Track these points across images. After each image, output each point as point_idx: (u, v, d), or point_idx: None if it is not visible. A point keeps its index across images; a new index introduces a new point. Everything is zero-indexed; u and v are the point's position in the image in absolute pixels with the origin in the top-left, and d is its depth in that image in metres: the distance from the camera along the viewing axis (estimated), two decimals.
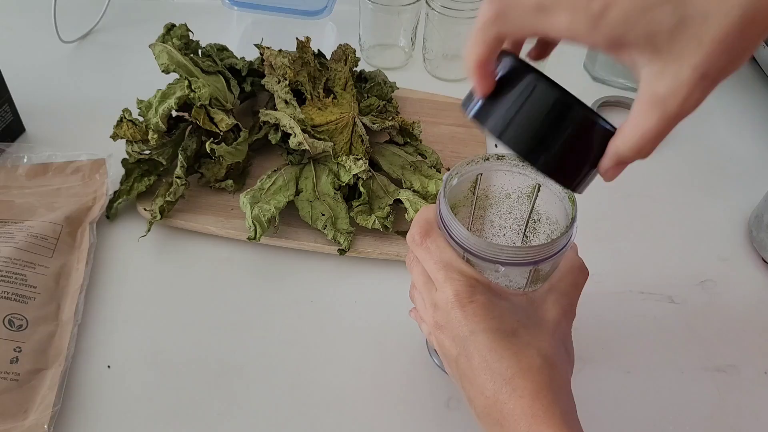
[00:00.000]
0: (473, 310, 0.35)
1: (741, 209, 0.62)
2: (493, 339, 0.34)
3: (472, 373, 0.35)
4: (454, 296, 0.35)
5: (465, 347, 0.35)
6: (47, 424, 0.42)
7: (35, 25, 0.78)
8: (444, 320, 0.36)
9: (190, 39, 0.62)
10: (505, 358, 0.34)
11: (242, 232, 0.54)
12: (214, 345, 0.48)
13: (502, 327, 0.34)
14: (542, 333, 0.35)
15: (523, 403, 0.33)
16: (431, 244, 0.37)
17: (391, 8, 0.71)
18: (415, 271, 0.39)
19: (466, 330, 0.35)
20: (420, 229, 0.37)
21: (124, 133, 0.55)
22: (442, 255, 0.36)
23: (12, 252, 0.49)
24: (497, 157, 0.39)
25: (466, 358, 0.35)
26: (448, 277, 0.36)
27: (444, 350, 0.37)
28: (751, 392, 0.48)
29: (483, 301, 0.35)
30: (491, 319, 0.34)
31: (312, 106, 0.60)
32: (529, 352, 0.34)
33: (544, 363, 0.34)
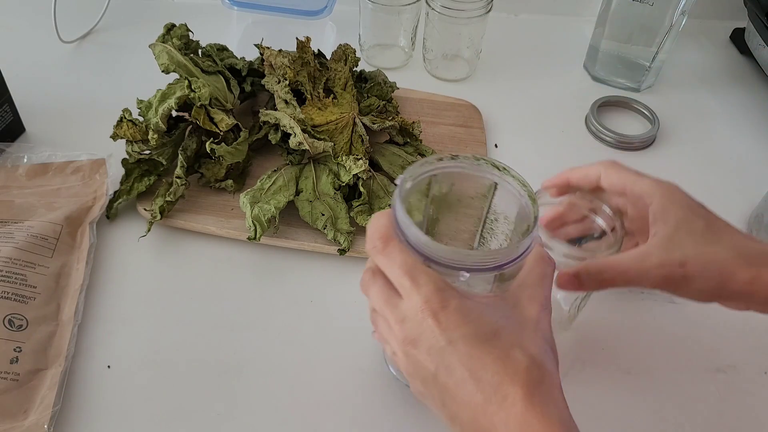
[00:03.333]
0: (447, 317, 0.32)
1: (741, 209, 0.62)
2: (474, 345, 0.31)
3: (455, 387, 0.32)
4: (425, 303, 0.32)
5: (443, 359, 0.32)
6: (47, 424, 0.42)
7: (35, 25, 0.78)
8: (415, 333, 0.33)
9: (190, 39, 0.62)
10: (489, 364, 0.31)
11: (242, 232, 0.54)
12: (214, 345, 0.48)
13: (481, 331, 0.32)
14: (524, 331, 0.33)
15: (516, 412, 0.30)
16: (393, 249, 0.34)
17: (391, 8, 0.71)
18: (373, 291, 0.35)
19: (443, 340, 0.32)
20: (380, 236, 0.34)
21: (124, 133, 0.55)
22: (406, 259, 0.33)
23: (12, 252, 0.49)
24: (451, 157, 0.37)
25: (446, 370, 0.32)
26: (415, 283, 0.33)
27: (418, 368, 0.33)
28: (750, 392, 0.48)
29: (457, 305, 0.32)
30: (468, 324, 0.32)
31: (312, 106, 0.60)
32: (513, 353, 0.31)
33: (531, 363, 0.31)
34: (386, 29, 0.76)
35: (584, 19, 0.83)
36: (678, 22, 0.69)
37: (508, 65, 0.78)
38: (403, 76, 0.72)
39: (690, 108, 0.75)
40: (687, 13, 0.69)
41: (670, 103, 0.75)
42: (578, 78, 0.78)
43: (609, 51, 0.74)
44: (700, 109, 0.75)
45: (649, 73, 0.74)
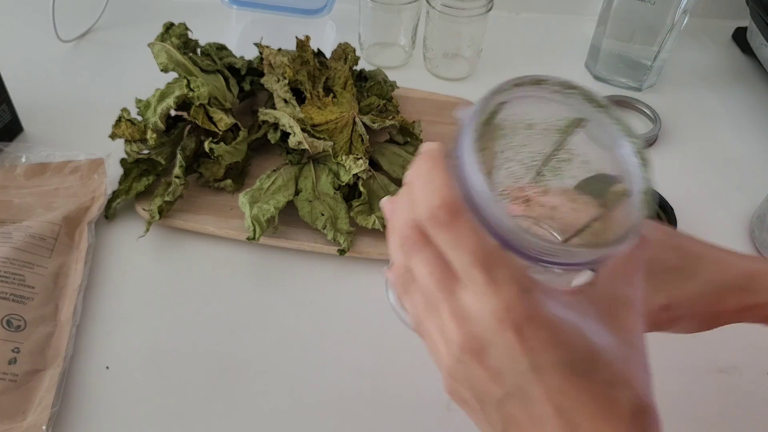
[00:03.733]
0: (535, 334, 0.24)
1: (743, 210, 0.62)
2: (567, 377, 0.24)
3: (530, 423, 0.25)
4: (505, 311, 0.24)
5: (522, 387, 0.25)
6: (46, 425, 0.42)
7: (34, 24, 0.77)
8: (484, 342, 0.25)
9: (189, 38, 0.62)
10: (584, 404, 0.24)
11: (241, 232, 0.54)
12: (213, 345, 0.48)
13: (578, 357, 0.25)
14: (627, 359, 0.26)
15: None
16: (464, 227, 0.25)
17: (391, 7, 0.71)
18: (419, 259, 0.27)
19: (525, 363, 0.24)
20: (445, 203, 0.25)
21: (123, 132, 0.55)
22: (482, 245, 0.25)
23: (10, 252, 0.49)
24: (535, 81, 0.28)
25: (522, 401, 0.25)
26: (492, 279, 0.25)
27: (477, 384, 0.26)
28: (752, 393, 0.48)
29: (547, 317, 0.25)
30: (561, 346, 0.25)
31: (311, 105, 0.60)
32: (616, 393, 0.25)
33: (638, 409, 0.25)
34: (386, 28, 0.75)
35: (585, 17, 0.83)
36: (680, 20, 0.69)
37: (509, 64, 0.78)
38: (404, 75, 0.71)
39: (692, 107, 0.74)
40: (689, 11, 0.69)
41: (672, 102, 0.74)
42: (580, 77, 0.77)
43: (610, 50, 0.74)
44: (702, 108, 0.75)
45: (650, 73, 0.74)
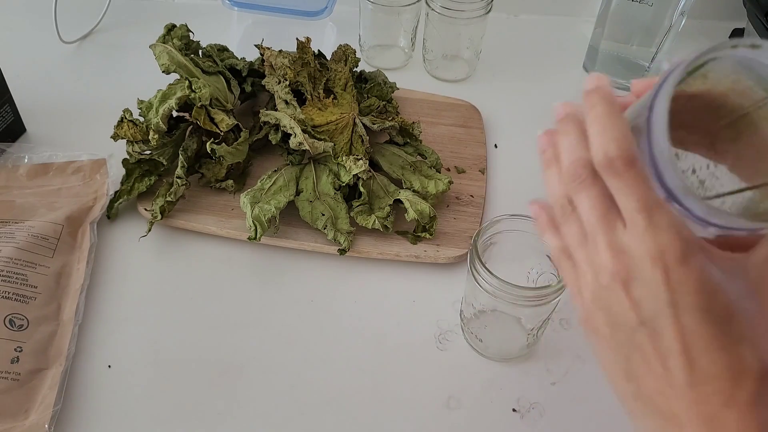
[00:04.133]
0: (681, 277, 0.27)
1: None
2: (700, 321, 0.26)
3: (655, 353, 0.27)
4: (659, 252, 0.27)
5: (655, 319, 0.27)
6: (48, 423, 0.42)
7: (36, 26, 0.78)
8: (633, 273, 0.27)
9: (191, 39, 0.63)
10: (711, 350, 0.26)
11: (242, 232, 0.54)
12: (215, 345, 0.49)
13: (715, 308, 0.27)
14: (761, 326, 0.27)
15: (728, 416, 0.26)
16: (635, 177, 0.27)
17: (391, 9, 0.71)
18: (586, 195, 0.29)
19: (665, 300, 0.27)
20: (623, 152, 0.27)
21: (125, 133, 0.55)
22: (648, 194, 0.27)
23: (13, 252, 0.49)
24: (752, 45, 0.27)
25: (652, 333, 0.27)
26: (653, 224, 0.27)
27: (616, 309, 0.28)
28: None
29: (696, 266, 0.27)
30: (703, 294, 0.27)
31: (312, 106, 0.60)
32: (743, 350, 0.26)
33: (762, 371, 0.26)
34: (386, 30, 0.76)
35: (584, 19, 0.83)
36: (677, 22, 0.69)
37: (508, 65, 0.78)
38: (403, 76, 0.72)
39: None
40: (686, 13, 0.69)
41: None
42: (578, 78, 0.78)
43: (608, 51, 0.75)
44: None
45: (648, 74, 0.74)
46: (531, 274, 0.47)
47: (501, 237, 0.45)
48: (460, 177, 0.62)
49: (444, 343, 0.50)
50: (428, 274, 0.54)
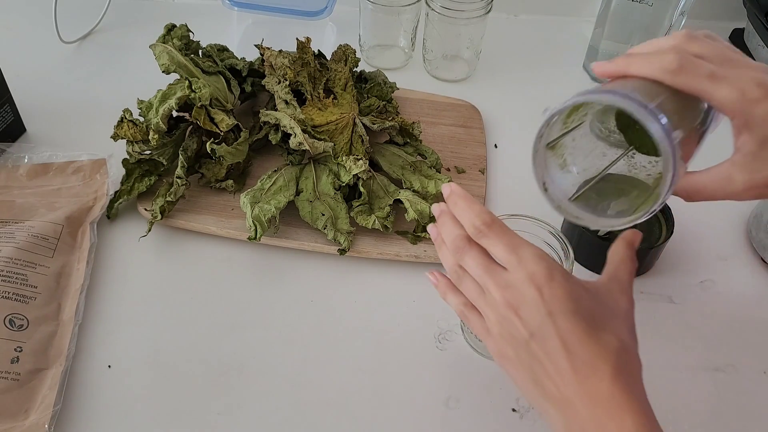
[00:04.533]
0: (551, 291, 0.34)
1: (740, 209, 0.62)
2: (573, 321, 0.34)
3: (547, 355, 0.34)
4: (530, 277, 0.35)
5: (541, 329, 0.34)
6: (48, 423, 0.42)
7: (36, 26, 0.78)
8: (518, 300, 0.35)
9: (191, 39, 0.63)
10: (585, 342, 0.34)
11: (242, 232, 0.54)
12: (215, 345, 0.49)
13: (582, 311, 0.34)
14: (616, 319, 0.36)
15: (603, 386, 0.33)
16: (497, 231, 0.37)
17: (391, 9, 0.71)
18: (470, 256, 0.38)
19: (544, 312, 0.34)
20: (485, 220, 0.37)
21: (125, 133, 0.55)
22: (510, 239, 0.36)
23: (13, 252, 0.49)
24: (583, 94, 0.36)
25: (542, 339, 0.34)
26: (521, 258, 0.35)
27: (512, 332, 0.36)
28: (749, 392, 0.48)
29: (561, 281, 0.35)
30: (570, 301, 0.34)
31: (312, 106, 0.60)
32: (606, 336, 0.34)
33: (621, 347, 0.34)
34: (386, 30, 0.76)
35: (584, 19, 0.83)
36: (677, 22, 0.69)
37: (508, 66, 0.78)
38: (403, 76, 0.72)
39: None
40: (686, 13, 0.69)
41: None
42: (578, 78, 0.78)
43: (608, 51, 0.75)
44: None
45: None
46: None
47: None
48: (460, 177, 0.62)
49: (444, 343, 0.50)
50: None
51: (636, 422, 0.32)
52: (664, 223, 0.56)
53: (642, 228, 0.56)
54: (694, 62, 0.35)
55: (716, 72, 0.35)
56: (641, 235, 0.42)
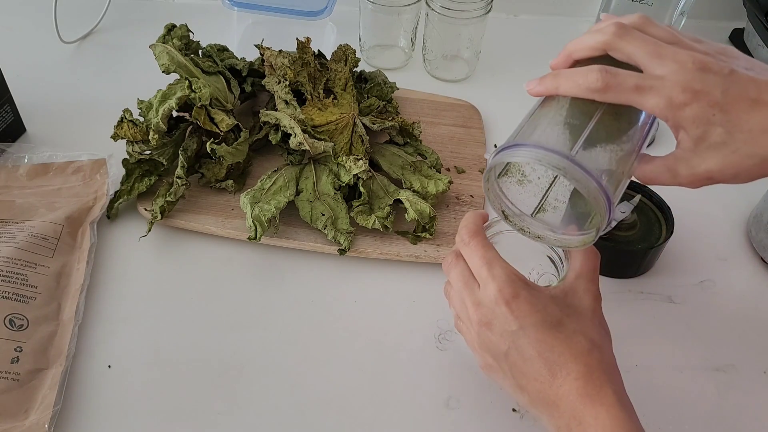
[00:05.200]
0: (519, 306, 0.37)
1: (740, 209, 0.62)
2: (542, 331, 0.37)
3: (525, 364, 0.37)
4: (498, 293, 0.38)
5: (515, 341, 0.37)
6: (48, 423, 0.42)
7: (36, 26, 0.78)
8: (490, 317, 0.38)
9: (191, 39, 0.63)
10: (555, 347, 0.37)
11: (243, 232, 0.54)
12: (215, 345, 0.49)
13: (548, 319, 0.37)
14: (583, 319, 0.38)
15: (578, 385, 0.35)
16: (476, 243, 0.40)
17: (391, 9, 0.72)
18: (454, 273, 0.41)
19: (515, 326, 0.37)
20: (468, 231, 0.41)
21: (125, 133, 0.55)
22: (485, 253, 0.39)
23: (13, 252, 0.49)
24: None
25: (517, 350, 0.37)
26: (492, 274, 0.38)
27: (490, 346, 0.39)
28: (750, 392, 0.48)
29: (526, 296, 0.38)
30: (537, 313, 0.37)
31: (312, 106, 0.60)
32: (576, 338, 0.37)
33: (591, 346, 0.37)
34: (386, 30, 0.76)
35: (584, 19, 0.83)
36: (677, 22, 0.69)
37: (508, 66, 0.78)
38: (403, 76, 0.72)
39: None
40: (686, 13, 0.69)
41: None
42: None
43: None
44: None
45: None
46: (532, 275, 0.47)
47: (501, 237, 0.45)
48: (460, 177, 0.62)
49: (444, 343, 0.50)
50: (428, 274, 0.54)
51: (610, 414, 0.34)
52: (664, 223, 0.56)
53: (642, 228, 0.56)
54: (617, 77, 0.36)
55: (641, 83, 0.35)
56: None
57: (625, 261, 0.54)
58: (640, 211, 0.57)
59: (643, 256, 0.54)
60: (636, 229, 0.55)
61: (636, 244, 0.54)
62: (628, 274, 0.55)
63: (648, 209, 0.57)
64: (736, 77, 0.35)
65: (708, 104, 0.35)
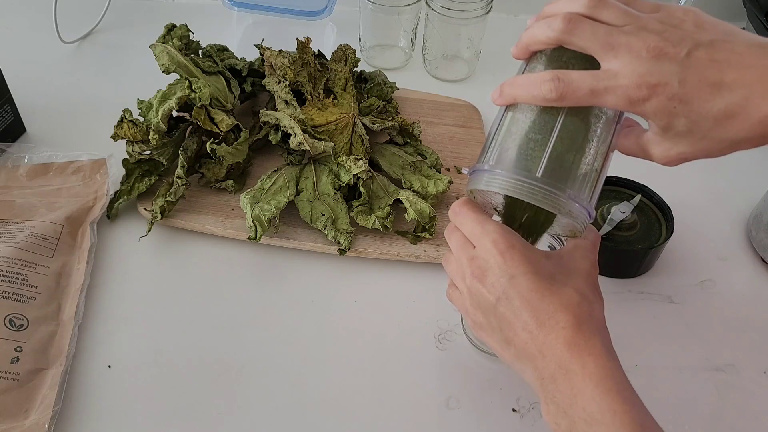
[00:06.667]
0: (512, 256, 0.37)
1: (740, 209, 0.62)
2: (534, 281, 0.36)
3: (513, 314, 0.37)
4: (493, 244, 0.37)
5: (505, 291, 0.37)
6: (48, 423, 0.42)
7: (36, 26, 0.78)
8: (482, 268, 0.38)
9: (191, 39, 0.63)
10: (546, 297, 0.36)
11: (243, 232, 0.54)
12: (215, 345, 0.49)
13: (540, 271, 0.37)
14: (576, 277, 0.38)
15: (566, 334, 0.35)
16: (468, 207, 0.40)
17: (391, 9, 0.71)
18: (453, 237, 0.41)
19: (507, 275, 0.37)
20: (457, 202, 0.41)
21: (125, 133, 0.55)
22: (477, 215, 0.39)
23: (13, 252, 0.49)
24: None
25: (507, 300, 0.37)
26: (485, 229, 0.38)
27: (480, 299, 0.38)
28: (749, 392, 0.48)
29: (520, 247, 0.37)
30: (529, 264, 0.37)
31: (312, 106, 0.60)
32: (567, 290, 0.37)
33: (582, 299, 0.36)
34: (386, 30, 0.76)
35: None
36: None
37: (508, 66, 0.77)
38: (403, 76, 0.72)
39: None
40: None
41: None
42: None
43: None
44: None
45: None
46: None
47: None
48: (460, 177, 0.62)
49: (444, 343, 0.50)
50: (428, 274, 0.54)
51: (597, 364, 0.34)
52: (664, 223, 0.56)
53: (642, 228, 0.56)
54: (571, 84, 0.35)
55: (596, 86, 0.35)
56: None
57: (625, 261, 0.54)
58: (640, 211, 0.57)
59: (643, 256, 0.54)
60: (636, 229, 0.55)
61: (636, 244, 0.54)
62: (628, 274, 0.55)
63: (648, 209, 0.57)
64: (693, 60, 0.33)
65: (667, 98, 0.34)
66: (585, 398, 0.34)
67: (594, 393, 0.33)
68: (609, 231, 0.54)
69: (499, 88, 0.39)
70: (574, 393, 0.34)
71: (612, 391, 0.33)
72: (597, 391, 0.33)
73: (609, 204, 0.56)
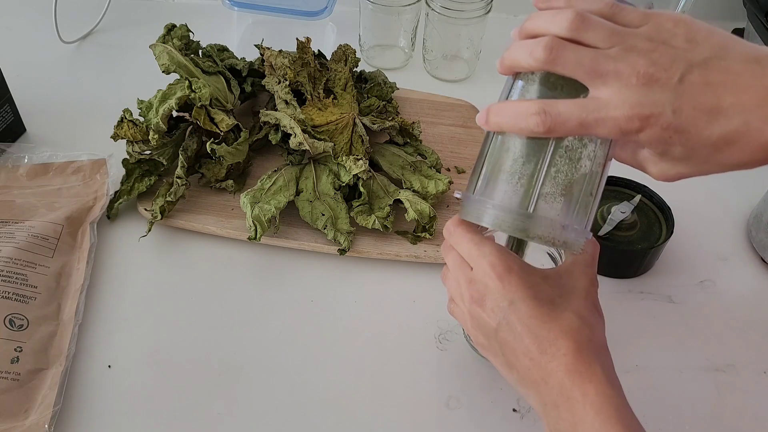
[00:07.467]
0: (510, 280, 0.37)
1: (740, 209, 0.62)
2: (533, 306, 0.36)
3: (514, 340, 0.36)
4: (491, 268, 0.37)
5: (506, 317, 0.37)
6: (48, 423, 0.42)
7: (36, 26, 0.78)
8: (481, 293, 0.38)
9: (191, 39, 0.63)
10: (546, 323, 0.36)
11: (242, 232, 0.54)
12: (215, 345, 0.49)
13: (540, 295, 0.36)
14: (576, 299, 0.37)
15: (567, 361, 0.35)
16: (463, 228, 0.40)
17: (391, 9, 0.71)
18: (450, 256, 0.41)
19: (506, 300, 0.36)
20: (451, 222, 0.41)
21: (125, 133, 0.55)
22: (472, 237, 0.39)
23: (13, 252, 0.49)
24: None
25: (508, 326, 0.37)
26: (482, 252, 0.38)
27: (481, 324, 0.38)
28: (749, 392, 0.48)
29: (519, 271, 0.37)
30: (528, 288, 0.36)
31: (312, 106, 0.60)
32: (567, 315, 0.36)
33: (582, 324, 0.36)
34: (386, 30, 0.76)
35: None
36: None
37: None
38: (403, 76, 0.72)
39: None
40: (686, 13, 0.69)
41: None
42: None
43: None
44: None
45: None
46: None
47: (501, 237, 0.45)
48: (460, 177, 0.62)
49: (444, 343, 0.50)
50: (428, 274, 0.54)
51: (598, 391, 0.34)
52: (664, 223, 0.56)
53: (642, 228, 0.56)
54: (558, 117, 0.34)
55: (585, 118, 0.33)
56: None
57: (625, 261, 0.54)
58: (640, 211, 0.57)
59: (643, 256, 0.54)
60: (636, 229, 0.55)
61: (636, 244, 0.54)
62: (628, 274, 0.55)
63: (648, 209, 0.57)
64: (687, 85, 0.31)
65: (661, 128, 0.32)
66: (586, 426, 0.34)
67: (594, 421, 0.33)
68: (609, 231, 0.54)
69: (485, 113, 0.38)
70: (575, 421, 0.34)
71: (612, 419, 0.33)
72: (597, 419, 0.33)
73: (609, 204, 0.56)
